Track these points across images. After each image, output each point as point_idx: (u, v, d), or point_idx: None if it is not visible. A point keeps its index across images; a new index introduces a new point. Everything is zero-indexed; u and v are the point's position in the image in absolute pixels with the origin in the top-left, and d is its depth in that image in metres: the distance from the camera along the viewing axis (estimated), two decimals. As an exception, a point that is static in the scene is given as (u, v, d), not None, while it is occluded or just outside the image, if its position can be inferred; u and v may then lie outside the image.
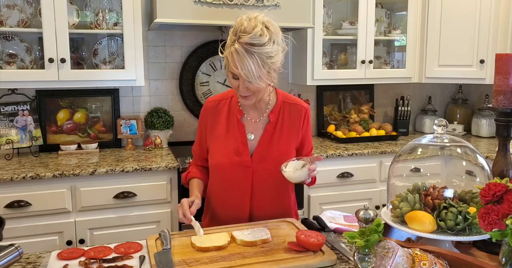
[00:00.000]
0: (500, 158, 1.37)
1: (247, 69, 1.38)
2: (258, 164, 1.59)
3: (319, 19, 2.91)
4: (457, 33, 3.03)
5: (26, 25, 2.52)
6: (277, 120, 1.62)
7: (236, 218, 1.61)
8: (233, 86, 1.51)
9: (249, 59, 1.37)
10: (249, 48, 1.37)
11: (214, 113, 1.65)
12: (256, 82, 1.42)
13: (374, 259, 1.08)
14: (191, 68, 3.00)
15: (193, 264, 1.22)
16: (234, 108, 1.63)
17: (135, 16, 2.54)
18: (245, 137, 1.60)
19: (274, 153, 1.59)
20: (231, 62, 1.41)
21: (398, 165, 1.42)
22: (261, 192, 1.61)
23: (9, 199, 2.18)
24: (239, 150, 1.59)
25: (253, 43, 1.37)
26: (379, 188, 2.86)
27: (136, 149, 2.84)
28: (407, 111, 3.38)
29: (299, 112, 1.65)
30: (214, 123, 1.64)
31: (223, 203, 1.65)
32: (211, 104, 1.66)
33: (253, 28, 1.38)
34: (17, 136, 2.62)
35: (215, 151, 1.63)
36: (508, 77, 1.31)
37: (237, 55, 1.38)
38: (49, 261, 1.25)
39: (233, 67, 1.42)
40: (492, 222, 1.03)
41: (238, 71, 1.40)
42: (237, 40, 1.39)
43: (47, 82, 2.46)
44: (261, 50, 1.38)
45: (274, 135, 1.61)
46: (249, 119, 1.63)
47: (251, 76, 1.40)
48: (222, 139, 1.61)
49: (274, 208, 1.65)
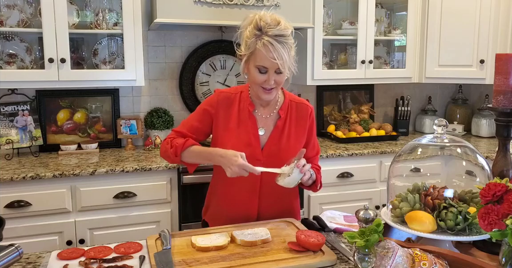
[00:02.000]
0: (500, 158, 1.37)
1: (282, 58, 1.46)
2: (268, 157, 1.60)
3: (319, 19, 2.91)
4: (457, 33, 3.03)
5: (26, 25, 2.52)
6: (286, 117, 1.65)
7: (244, 215, 1.61)
8: (259, 81, 1.52)
9: (282, 49, 1.46)
10: (280, 39, 1.46)
11: (226, 105, 1.64)
12: (286, 72, 1.50)
13: (374, 259, 1.08)
14: (191, 68, 3.00)
15: (193, 264, 1.22)
16: (245, 102, 1.64)
17: (135, 16, 2.54)
18: (256, 129, 1.62)
19: (284, 149, 1.61)
20: (266, 54, 1.46)
21: (398, 165, 1.43)
22: (270, 188, 1.61)
23: (9, 199, 2.18)
24: (251, 142, 1.60)
25: (282, 34, 1.46)
26: (379, 188, 2.86)
27: (136, 149, 2.84)
28: (407, 111, 3.38)
29: (305, 112, 1.68)
30: (226, 116, 1.63)
31: (231, 199, 1.65)
32: (224, 95, 1.64)
33: (278, 22, 1.47)
34: (17, 135, 2.62)
35: (225, 143, 1.61)
36: (508, 77, 1.31)
37: (272, 46, 1.45)
38: (49, 261, 1.25)
39: (269, 59, 1.46)
40: (492, 222, 1.03)
41: (274, 62, 1.46)
42: (264, 34, 1.46)
43: (47, 82, 2.46)
44: (288, 41, 1.48)
45: (284, 131, 1.63)
46: (259, 115, 1.65)
47: (286, 65, 1.48)
48: (234, 132, 1.61)
49: (281, 206, 1.66)
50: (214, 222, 1.67)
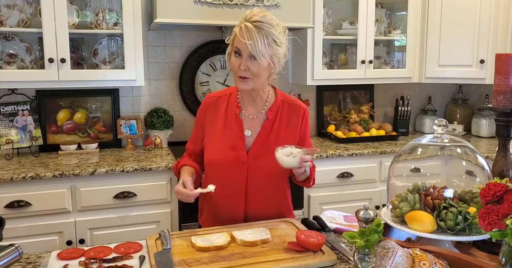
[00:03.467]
0: (500, 158, 1.37)
1: (254, 40, 1.45)
2: (253, 160, 1.58)
3: (319, 19, 2.91)
4: (457, 33, 3.03)
5: (26, 25, 2.52)
6: (275, 118, 1.62)
7: (231, 217, 1.60)
8: (234, 67, 1.53)
9: (256, 33, 1.45)
10: (258, 25, 1.46)
11: (213, 109, 1.65)
12: (259, 57, 1.46)
13: (374, 259, 1.08)
14: (191, 68, 3.00)
15: (193, 264, 1.22)
16: (232, 104, 1.64)
17: (135, 16, 2.54)
18: (242, 132, 1.61)
19: (271, 151, 1.57)
20: (239, 35, 1.47)
21: (398, 165, 1.42)
22: (256, 190, 1.60)
23: (9, 199, 2.17)
24: (236, 145, 1.59)
25: (262, 21, 1.46)
26: (379, 188, 2.86)
27: (136, 149, 2.84)
28: (407, 111, 3.38)
29: (297, 113, 1.65)
30: (213, 119, 1.64)
31: (218, 201, 1.64)
32: (211, 100, 1.67)
33: (263, 12, 1.49)
34: (17, 136, 2.62)
35: (211, 146, 1.63)
36: (508, 77, 1.31)
37: (246, 29, 1.46)
38: (49, 261, 1.25)
39: (240, 39, 1.47)
40: (492, 222, 1.03)
41: (244, 42, 1.45)
42: (246, 20, 1.48)
43: (47, 82, 2.46)
44: (269, 30, 1.46)
45: (271, 133, 1.61)
46: (247, 115, 1.63)
47: (256, 48, 1.45)
48: (220, 135, 1.61)
49: (269, 207, 1.64)
50: (209, 224, 1.66)
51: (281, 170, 1.53)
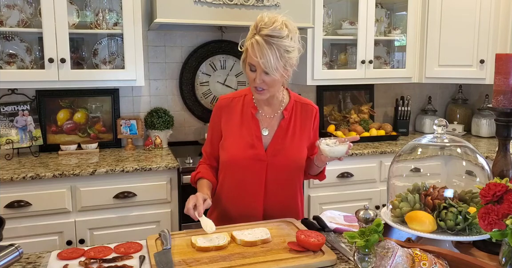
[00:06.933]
0: (500, 158, 1.37)
1: (266, 58, 1.45)
2: (272, 157, 1.61)
3: (319, 19, 2.91)
4: (457, 33, 3.03)
5: (26, 25, 2.52)
6: (290, 117, 1.66)
7: (249, 215, 1.62)
8: (250, 79, 1.55)
9: (268, 49, 1.45)
10: (269, 40, 1.45)
11: (228, 110, 1.67)
12: (272, 73, 1.48)
13: (374, 259, 1.08)
14: (191, 68, 3.00)
15: (193, 264, 1.22)
16: (248, 105, 1.66)
17: (135, 16, 2.54)
18: (259, 131, 1.63)
19: (288, 148, 1.62)
20: (251, 52, 1.48)
21: (398, 165, 1.42)
22: (275, 188, 1.63)
23: (9, 199, 2.18)
24: (254, 143, 1.62)
25: (272, 35, 1.45)
26: (379, 188, 2.86)
27: (136, 149, 2.84)
28: (407, 111, 3.38)
29: (310, 112, 1.70)
30: (229, 119, 1.66)
31: (236, 199, 1.66)
32: (225, 101, 1.69)
33: (273, 23, 1.47)
34: (17, 136, 2.62)
35: (229, 145, 1.64)
36: (508, 77, 1.31)
37: (257, 45, 1.46)
38: (49, 261, 1.25)
39: (252, 57, 1.48)
40: (492, 222, 1.03)
41: (257, 60, 1.47)
42: (257, 33, 1.47)
43: (47, 82, 2.46)
44: (279, 43, 1.46)
45: (288, 131, 1.65)
46: (263, 115, 1.66)
47: (268, 66, 1.46)
48: (237, 133, 1.63)
49: (286, 205, 1.68)
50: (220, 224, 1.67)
51: (298, 166, 1.63)
